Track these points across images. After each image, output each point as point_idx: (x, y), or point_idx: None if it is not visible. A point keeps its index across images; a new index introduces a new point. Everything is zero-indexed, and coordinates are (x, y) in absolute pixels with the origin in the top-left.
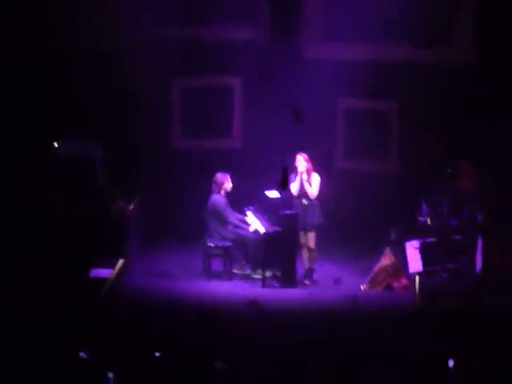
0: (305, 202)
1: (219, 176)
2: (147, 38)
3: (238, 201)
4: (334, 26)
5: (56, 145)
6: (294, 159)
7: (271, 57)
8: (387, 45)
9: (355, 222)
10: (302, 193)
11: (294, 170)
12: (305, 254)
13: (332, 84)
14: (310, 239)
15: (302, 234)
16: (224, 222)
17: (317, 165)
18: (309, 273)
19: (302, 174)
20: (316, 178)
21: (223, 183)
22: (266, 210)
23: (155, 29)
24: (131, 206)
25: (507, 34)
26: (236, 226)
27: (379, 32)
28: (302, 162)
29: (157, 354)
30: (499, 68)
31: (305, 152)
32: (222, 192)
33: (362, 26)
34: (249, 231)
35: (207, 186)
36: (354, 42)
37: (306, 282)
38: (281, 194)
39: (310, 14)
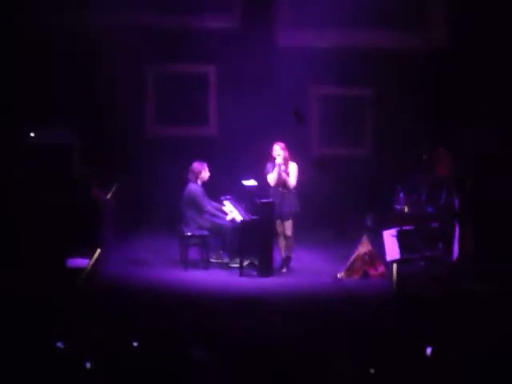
0: (281, 190)
1: (196, 165)
2: (121, 24)
3: (215, 189)
4: (307, 12)
5: (32, 134)
6: (270, 148)
7: (245, 44)
8: (360, 31)
9: (331, 209)
10: (279, 182)
11: (271, 158)
12: (281, 243)
13: (306, 71)
14: (287, 227)
15: (278, 222)
16: (200, 210)
17: (293, 152)
18: (286, 261)
19: (280, 165)
20: (294, 167)
21: (200, 172)
22: (243, 198)
23: (130, 15)
24: (108, 195)
25: (479, 16)
26: (213, 215)
27: (352, 18)
28: (278, 150)
29: (134, 344)
30: (472, 51)
31: (281, 140)
32: (199, 181)
33: (334, 12)
34: (226, 220)
35: (183, 174)
36: (328, 29)
37: (284, 270)
38: (257, 182)
39: (282, 1)
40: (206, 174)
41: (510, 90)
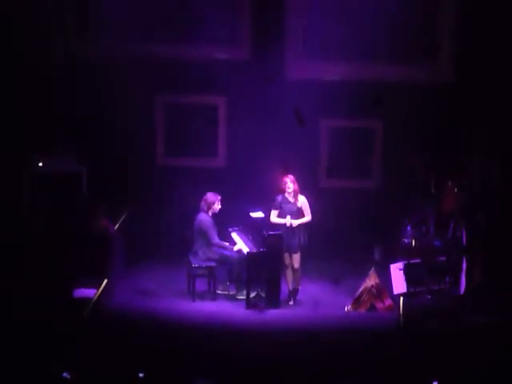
0: (289, 223)
1: (210, 195)
2: (133, 54)
3: (223, 220)
4: (316, 45)
5: (41, 162)
6: (279, 180)
7: (255, 76)
8: (369, 64)
9: (339, 241)
10: (287, 213)
11: (281, 191)
12: (289, 275)
13: (315, 103)
14: (295, 260)
15: (286, 255)
16: (209, 241)
17: (301, 184)
18: (293, 293)
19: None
20: (305, 201)
21: (213, 203)
22: (251, 230)
23: (142, 46)
24: (116, 225)
25: (488, 52)
26: (220, 247)
27: (361, 51)
28: (289, 183)
29: (140, 375)
30: (478, 85)
31: (291, 173)
32: (210, 212)
33: (343, 45)
34: (233, 251)
35: (191, 204)
36: (337, 62)
37: (291, 302)
38: (265, 214)
39: (292, 33)
40: (218, 206)
41: None
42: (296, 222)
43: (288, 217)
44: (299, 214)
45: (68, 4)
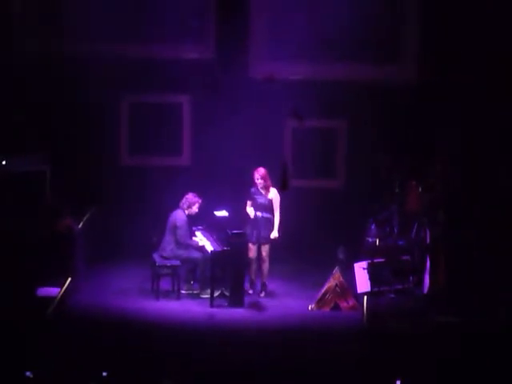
0: (259, 214)
1: (192, 195)
2: (96, 53)
3: (187, 220)
4: (281, 45)
5: (3, 162)
6: (252, 174)
7: (219, 75)
8: (333, 64)
9: (303, 240)
10: (258, 205)
11: (254, 184)
12: (253, 269)
13: (279, 103)
14: (264, 250)
15: (254, 247)
16: (178, 240)
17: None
18: (263, 286)
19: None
20: (276, 195)
21: (193, 204)
22: (215, 229)
23: (105, 44)
24: (80, 224)
25: (452, 52)
26: (188, 246)
27: (325, 51)
28: (257, 178)
29: (104, 374)
30: (445, 86)
31: (263, 167)
32: (187, 212)
33: (308, 45)
34: (199, 252)
35: (154, 203)
36: (301, 62)
37: (262, 294)
38: (229, 213)
39: (256, 33)
40: (195, 208)
41: (479, 123)
42: (276, 234)
43: (251, 209)
44: (270, 206)
45: (34, 2)
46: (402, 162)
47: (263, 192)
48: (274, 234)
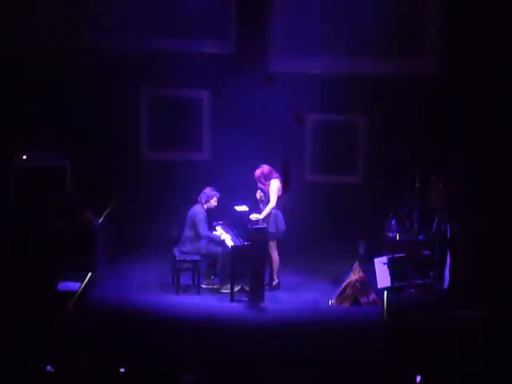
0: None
1: (210, 190)
2: (118, 48)
3: (208, 215)
4: (302, 40)
5: (24, 156)
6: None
7: (240, 70)
8: (354, 58)
9: (324, 236)
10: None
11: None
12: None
13: (300, 97)
14: (270, 248)
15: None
16: (198, 233)
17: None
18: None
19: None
20: (272, 186)
21: (211, 198)
22: (235, 223)
23: (127, 40)
24: (100, 219)
25: (474, 47)
26: (209, 239)
27: (346, 46)
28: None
29: (122, 370)
30: (466, 81)
31: (268, 164)
32: (206, 206)
33: (328, 40)
34: (219, 246)
35: (174, 197)
36: (321, 56)
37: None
38: (249, 208)
39: (276, 28)
40: (214, 202)
41: (499, 117)
42: (260, 216)
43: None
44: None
45: None
46: (422, 157)
47: (264, 189)
48: (256, 215)
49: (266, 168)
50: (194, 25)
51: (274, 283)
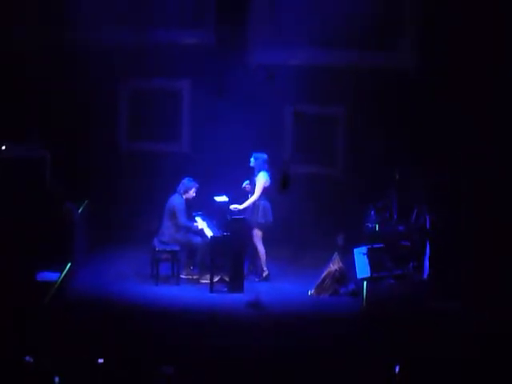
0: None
1: (188, 180)
2: (96, 39)
3: (187, 205)
4: (281, 31)
5: (3, 147)
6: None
7: (219, 60)
8: (333, 50)
9: (303, 227)
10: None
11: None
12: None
13: (279, 89)
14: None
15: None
16: (177, 223)
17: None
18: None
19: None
20: (259, 178)
21: (190, 189)
22: (215, 214)
23: (104, 30)
24: (79, 210)
25: (452, 40)
26: (188, 228)
27: (325, 38)
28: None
29: (100, 360)
30: (445, 74)
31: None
32: (184, 196)
33: (308, 31)
34: (198, 236)
35: (154, 188)
36: (301, 47)
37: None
38: (229, 198)
39: (256, 19)
40: (193, 193)
41: (478, 113)
42: (240, 207)
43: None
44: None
45: None
46: (401, 148)
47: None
48: (234, 205)
49: (263, 156)
50: (172, 15)
51: (265, 274)
